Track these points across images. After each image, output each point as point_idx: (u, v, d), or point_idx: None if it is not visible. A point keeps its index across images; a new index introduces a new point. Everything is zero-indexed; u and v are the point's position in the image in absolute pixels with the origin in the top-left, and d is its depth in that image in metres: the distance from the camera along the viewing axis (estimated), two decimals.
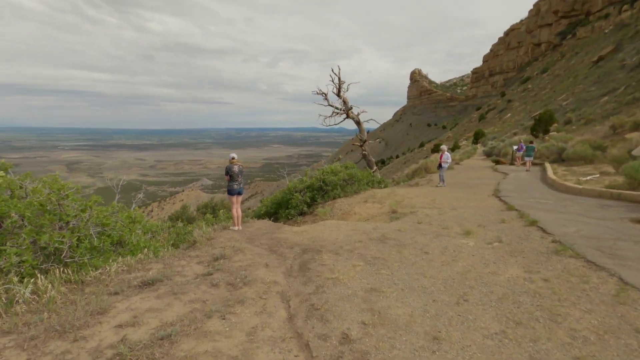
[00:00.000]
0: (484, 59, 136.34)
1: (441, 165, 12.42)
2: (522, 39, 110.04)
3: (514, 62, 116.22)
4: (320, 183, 11.11)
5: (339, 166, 11.87)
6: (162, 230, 7.30)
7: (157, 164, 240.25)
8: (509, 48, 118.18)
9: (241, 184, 6.80)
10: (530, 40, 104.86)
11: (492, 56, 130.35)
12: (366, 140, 14.27)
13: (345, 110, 13.89)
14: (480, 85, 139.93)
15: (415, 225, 6.34)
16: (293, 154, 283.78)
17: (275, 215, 11.84)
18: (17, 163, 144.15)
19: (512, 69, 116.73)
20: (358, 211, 9.39)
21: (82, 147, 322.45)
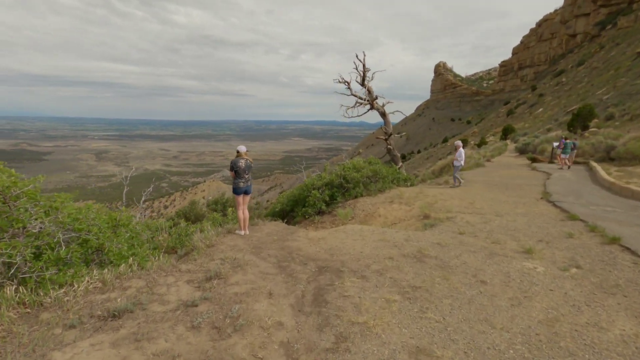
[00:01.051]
0: (513, 52, 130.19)
1: (462, 165, 11.07)
2: (555, 30, 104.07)
3: (546, 55, 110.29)
4: (341, 180, 10.03)
5: (361, 161, 10.74)
6: (162, 230, 6.45)
7: (180, 154, 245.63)
8: (541, 40, 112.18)
9: (248, 182, 5.83)
10: (564, 31, 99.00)
11: (522, 48, 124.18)
12: (392, 133, 13.04)
13: (369, 100, 12.69)
14: (508, 79, 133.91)
15: (457, 236, 5.19)
16: (313, 147, 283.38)
17: (291, 213, 10.88)
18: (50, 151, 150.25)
19: (544, 62, 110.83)
20: (383, 213, 8.27)
21: (110, 136, 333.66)
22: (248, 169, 5.78)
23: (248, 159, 5.79)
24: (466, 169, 16.61)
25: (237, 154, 5.76)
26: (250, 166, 5.85)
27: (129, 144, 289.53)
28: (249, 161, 5.80)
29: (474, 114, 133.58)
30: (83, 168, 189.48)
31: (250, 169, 5.84)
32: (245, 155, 5.76)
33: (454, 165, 11.14)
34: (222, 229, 5.89)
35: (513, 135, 43.95)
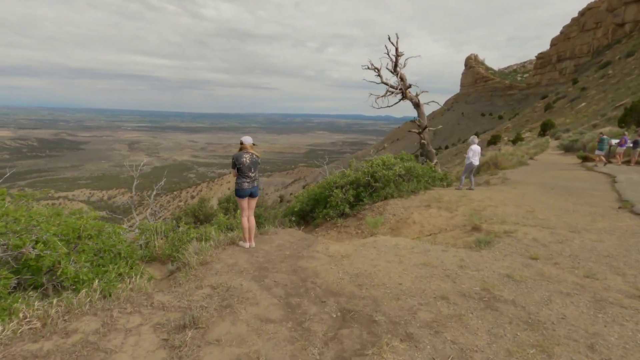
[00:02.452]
0: (551, 43, 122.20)
1: (474, 164, 9.39)
2: (601, 19, 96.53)
3: (589, 46, 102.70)
4: (368, 178, 8.77)
5: (392, 157, 9.42)
6: (160, 234, 5.49)
7: (208, 146, 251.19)
8: (584, 30, 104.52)
9: (255, 182, 4.74)
10: (611, 20, 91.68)
11: (562, 39, 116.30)
12: (427, 126, 11.57)
13: (402, 89, 11.26)
14: (545, 71, 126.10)
15: (531, 264, 3.84)
16: (337, 141, 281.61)
17: (311, 213, 9.75)
18: (87, 141, 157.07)
19: (587, 54, 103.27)
20: (419, 220, 6.97)
21: (143, 128, 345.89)
22: (254, 166, 4.68)
23: (254, 154, 4.69)
24: (509, 168, 14.87)
25: (240, 147, 4.68)
26: (257, 162, 4.75)
27: (159, 135, 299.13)
28: (255, 156, 4.70)
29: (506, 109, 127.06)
30: (117, 157, 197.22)
31: (256, 165, 4.73)
32: (250, 149, 4.67)
33: (472, 164, 9.43)
34: (224, 238, 4.82)
35: (553, 131, 40.75)
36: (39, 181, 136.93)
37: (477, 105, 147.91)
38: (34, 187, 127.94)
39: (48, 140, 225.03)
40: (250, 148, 4.66)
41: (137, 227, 5.50)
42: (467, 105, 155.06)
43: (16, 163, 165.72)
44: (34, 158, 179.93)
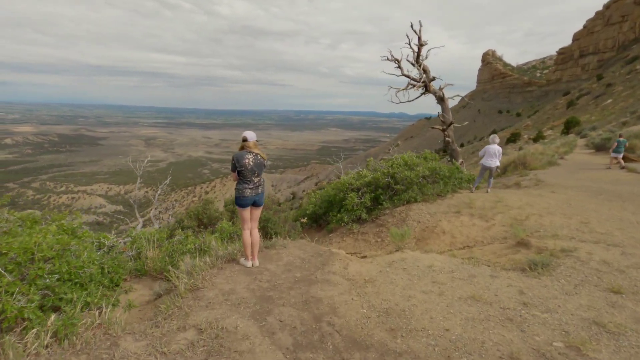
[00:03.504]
0: (574, 38, 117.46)
1: (485, 165, 8.32)
2: (627, 12, 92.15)
3: (614, 40, 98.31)
4: (388, 180, 7.91)
5: (414, 156, 8.52)
6: (153, 243, 4.78)
7: (222, 142, 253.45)
8: (609, 23, 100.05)
9: (259, 187, 3.93)
10: (639, 13, 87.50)
11: (585, 34, 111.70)
12: (452, 122, 10.56)
13: (425, 81, 10.28)
14: (567, 67, 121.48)
15: (617, 301, 2.87)
16: (350, 138, 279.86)
17: (325, 217, 8.96)
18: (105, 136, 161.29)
19: (611, 48, 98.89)
20: (448, 229, 6.09)
21: (159, 124, 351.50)
22: (259, 169, 3.87)
23: (259, 154, 3.89)
24: (538, 168, 13.74)
25: (241, 145, 3.91)
26: (263, 165, 3.97)
27: (175, 132, 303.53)
28: (260, 157, 3.90)
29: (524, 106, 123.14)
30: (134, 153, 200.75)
31: (262, 169, 3.94)
32: (255, 148, 3.88)
33: (484, 165, 8.32)
34: (224, 253, 4.06)
35: (578, 129, 38.80)
36: (59, 175, 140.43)
37: (493, 102, 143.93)
38: (54, 181, 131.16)
39: (68, 135, 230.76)
40: (254, 146, 3.89)
41: (128, 234, 4.80)
42: (484, 102, 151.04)
43: (38, 157, 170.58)
44: (55, 153, 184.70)
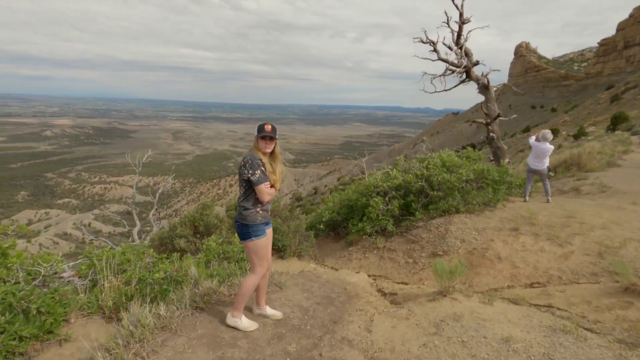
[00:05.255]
0: (618, 27, 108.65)
1: (532, 168, 6.76)
2: None
3: None
4: (422, 183, 6.47)
5: (454, 155, 7.01)
6: (117, 267, 3.63)
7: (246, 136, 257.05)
8: None
9: (270, 205, 2.88)
10: None
11: (632, 22, 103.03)
12: (499, 114, 8.83)
13: (468, 65, 8.61)
14: (609, 59, 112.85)
15: None
16: (373, 133, 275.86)
17: (344, 224, 7.64)
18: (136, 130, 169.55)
19: None
20: (505, 254, 4.62)
21: (186, 118, 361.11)
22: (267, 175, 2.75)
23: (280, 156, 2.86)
24: (595, 170, 11.78)
25: (258, 139, 2.71)
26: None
27: (201, 125, 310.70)
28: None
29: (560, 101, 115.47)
30: (162, 146, 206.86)
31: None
32: (274, 146, 2.77)
33: (530, 167, 6.83)
34: (198, 293, 2.83)
35: (627, 125, 35.22)
36: (93, 166, 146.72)
37: (526, 97, 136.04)
38: (89, 172, 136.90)
39: (102, 128, 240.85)
40: (274, 144, 2.76)
41: (85, 254, 3.69)
42: (516, 96, 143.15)
43: (75, 149, 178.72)
44: (90, 145, 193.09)
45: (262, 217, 2.73)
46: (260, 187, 2.59)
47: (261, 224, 2.73)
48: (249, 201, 2.70)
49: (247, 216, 2.68)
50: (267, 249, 2.80)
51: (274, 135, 2.68)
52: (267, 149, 2.68)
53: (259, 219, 2.70)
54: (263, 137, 2.66)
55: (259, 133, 2.68)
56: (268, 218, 2.85)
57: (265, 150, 2.68)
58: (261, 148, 2.69)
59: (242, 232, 2.72)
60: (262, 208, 2.72)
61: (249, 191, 2.69)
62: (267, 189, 2.63)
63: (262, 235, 2.73)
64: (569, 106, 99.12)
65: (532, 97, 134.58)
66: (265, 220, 2.78)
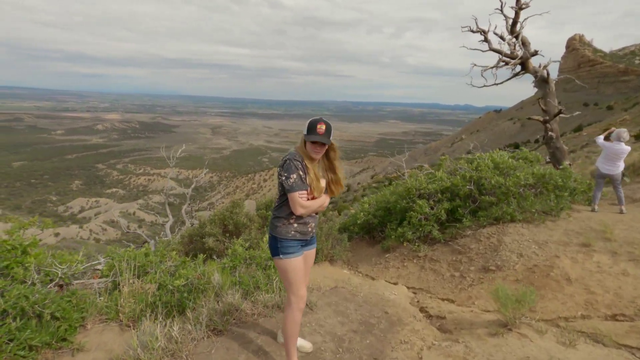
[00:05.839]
0: None
1: (603, 172, 5.79)
2: None
3: None
4: (471, 187, 5.80)
5: (506, 156, 6.24)
6: (138, 269, 3.39)
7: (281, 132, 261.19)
8: None
9: (316, 220, 2.38)
10: None
11: None
12: (562, 110, 7.80)
13: (528, 55, 7.63)
14: None
15: None
16: (409, 131, 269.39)
17: (380, 229, 7.12)
18: (178, 125, 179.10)
19: None
20: (576, 274, 3.91)
21: (224, 113, 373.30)
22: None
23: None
24: None
25: (308, 136, 2.15)
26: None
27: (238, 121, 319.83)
28: None
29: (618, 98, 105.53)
30: (201, 141, 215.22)
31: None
32: (325, 145, 2.21)
33: (601, 172, 5.92)
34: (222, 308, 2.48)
35: None
36: (138, 159, 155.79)
37: (579, 94, 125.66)
38: (135, 164, 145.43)
39: (147, 123, 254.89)
40: (321, 151, 2.19)
41: (107, 254, 3.50)
42: (567, 93, 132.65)
43: (122, 142, 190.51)
44: (136, 138, 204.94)
45: (296, 231, 2.20)
46: (293, 196, 2.09)
47: (294, 241, 2.20)
48: (282, 210, 2.22)
49: (277, 227, 2.23)
50: (300, 273, 2.23)
51: (327, 141, 2.10)
52: (315, 154, 2.15)
53: (292, 233, 2.19)
54: (313, 142, 2.13)
55: (308, 134, 2.13)
56: (308, 235, 2.27)
57: (313, 156, 2.16)
58: (309, 152, 2.17)
59: (271, 246, 2.27)
60: (297, 221, 2.19)
61: (284, 197, 2.21)
62: (301, 200, 2.10)
63: (294, 255, 2.19)
64: (629, 104, 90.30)
65: (585, 93, 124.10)
66: (301, 236, 2.23)
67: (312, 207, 2.16)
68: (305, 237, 2.26)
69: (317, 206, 2.17)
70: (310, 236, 2.32)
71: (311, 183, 2.14)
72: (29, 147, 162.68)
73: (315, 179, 2.15)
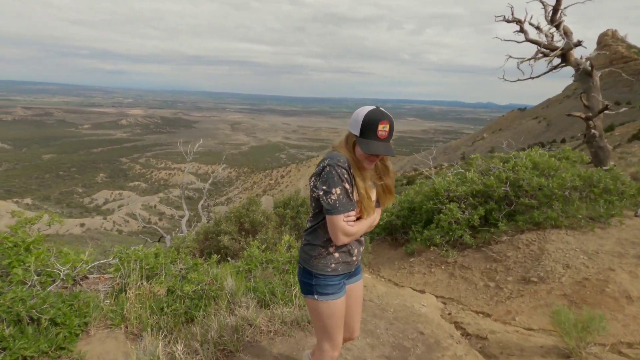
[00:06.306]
0: None
1: None
2: None
3: None
4: (506, 189, 5.31)
5: (546, 155, 5.70)
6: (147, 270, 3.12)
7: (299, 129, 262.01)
8: None
9: (361, 247, 1.70)
10: None
11: None
12: (608, 106, 7.13)
13: (567, 47, 6.99)
14: None
15: None
16: (429, 129, 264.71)
17: (404, 229, 6.71)
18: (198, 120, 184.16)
19: None
20: (637, 293, 3.42)
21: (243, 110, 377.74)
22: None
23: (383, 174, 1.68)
24: None
25: (365, 142, 1.48)
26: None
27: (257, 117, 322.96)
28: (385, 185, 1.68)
29: None
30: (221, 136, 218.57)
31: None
32: (381, 162, 1.66)
33: None
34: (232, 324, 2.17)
35: None
36: (160, 153, 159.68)
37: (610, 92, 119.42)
38: (156, 158, 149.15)
39: (169, 118, 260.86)
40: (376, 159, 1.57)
41: (116, 254, 3.26)
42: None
43: (145, 137, 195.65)
44: (158, 133, 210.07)
45: (337, 263, 1.62)
46: (336, 220, 1.48)
47: (334, 277, 1.63)
48: (318, 235, 1.62)
49: (312, 258, 1.62)
50: (340, 318, 1.67)
51: (392, 151, 1.50)
52: (369, 164, 1.56)
53: (332, 266, 1.61)
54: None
55: (363, 136, 1.49)
56: (352, 265, 1.70)
57: (365, 165, 1.56)
58: (359, 160, 1.55)
59: (302, 281, 1.69)
60: (339, 249, 1.61)
61: (320, 218, 1.60)
62: (346, 226, 1.50)
63: (334, 296, 1.62)
64: None
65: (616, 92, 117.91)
66: (345, 269, 1.66)
67: (360, 232, 1.58)
68: (350, 268, 1.69)
69: (365, 229, 1.59)
70: (356, 265, 1.73)
71: (361, 200, 1.53)
72: (58, 140, 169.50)
73: (367, 194, 1.53)
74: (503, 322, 3.63)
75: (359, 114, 1.53)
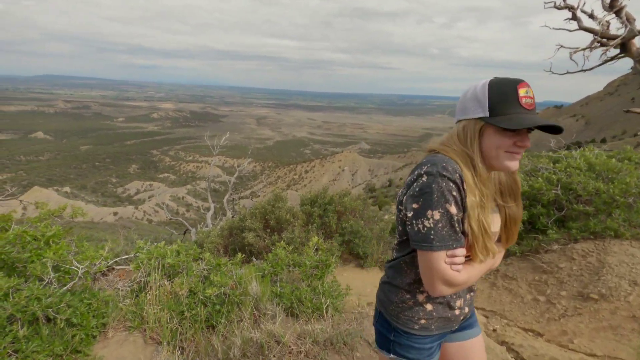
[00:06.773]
0: None
1: None
2: None
3: None
4: (557, 192, 4.77)
5: (604, 155, 5.09)
6: (168, 270, 2.94)
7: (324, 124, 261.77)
8: None
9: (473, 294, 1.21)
10: None
11: None
12: None
13: (629, 35, 6.26)
14: None
15: None
16: None
17: None
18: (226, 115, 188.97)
19: None
20: None
21: (269, 104, 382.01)
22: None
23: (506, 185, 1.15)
24: None
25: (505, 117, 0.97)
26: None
27: (282, 112, 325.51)
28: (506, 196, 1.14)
29: None
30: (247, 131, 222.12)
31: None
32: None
33: None
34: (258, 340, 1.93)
35: None
36: (189, 146, 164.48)
37: None
38: (185, 151, 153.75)
39: (197, 112, 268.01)
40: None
41: (136, 250, 3.11)
42: None
43: (175, 130, 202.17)
44: (187, 127, 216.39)
45: (429, 319, 1.12)
46: (433, 260, 0.99)
47: (426, 338, 1.13)
48: (404, 273, 1.14)
49: (392, 304, 1.16)
50: None
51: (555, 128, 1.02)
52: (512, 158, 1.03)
53: (421, 322, 1.12)
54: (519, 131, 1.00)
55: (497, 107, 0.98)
56: (453, 323, 1.18)
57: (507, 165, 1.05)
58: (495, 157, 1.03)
59: (380, 335, 1.21)
60: (432, 299, 1.12)
61: (406, 247, 1.12)
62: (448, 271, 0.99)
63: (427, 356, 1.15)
64: None
65: None
66: (441, 327, 1.15)
67: (471, 282, 1.06)
68: (450, 325, 1.17)
69: (479, 276, 1.09)
70: (461, 321, 1.22)
71: (475, 233, 1.00)
72: (95, 132, 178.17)
73: (485, 225, 1.02)
74: (559, 344, 3.20)
75: (477, 88, 1.01)
